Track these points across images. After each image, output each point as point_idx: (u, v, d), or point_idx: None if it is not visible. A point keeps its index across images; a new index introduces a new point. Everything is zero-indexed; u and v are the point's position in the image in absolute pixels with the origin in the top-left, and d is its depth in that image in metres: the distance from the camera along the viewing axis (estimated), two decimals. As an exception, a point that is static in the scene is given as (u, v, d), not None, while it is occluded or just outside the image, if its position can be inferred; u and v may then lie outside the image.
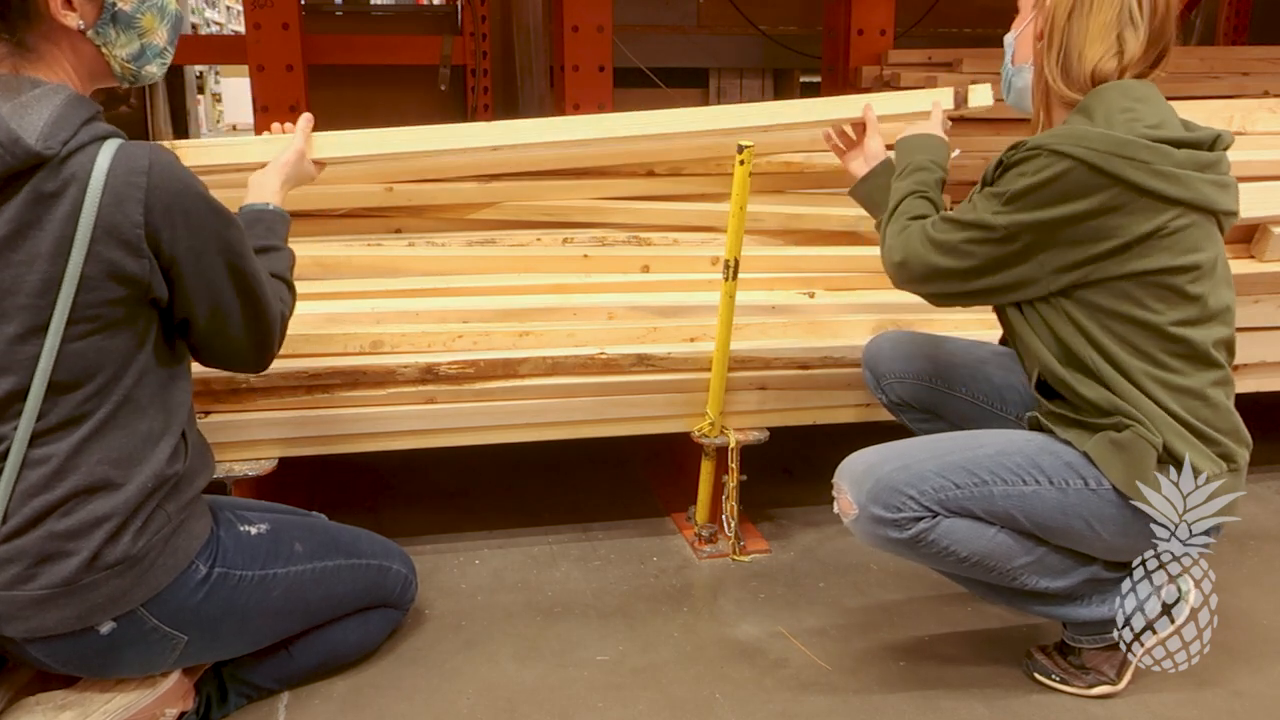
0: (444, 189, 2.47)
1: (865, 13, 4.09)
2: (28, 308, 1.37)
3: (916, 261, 1.71)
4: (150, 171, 1.38)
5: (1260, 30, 5.82)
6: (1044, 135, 1.59)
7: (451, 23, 5.30)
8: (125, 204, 1.37)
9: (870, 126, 2.09)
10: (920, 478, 1.64)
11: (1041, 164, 1.56)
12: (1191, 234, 1.58)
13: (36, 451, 1.42)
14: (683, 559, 2.27)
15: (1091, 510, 1.63)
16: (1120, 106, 1.59)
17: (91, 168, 1.36)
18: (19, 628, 1.46)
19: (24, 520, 1.42)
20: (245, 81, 4.10)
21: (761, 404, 2.24)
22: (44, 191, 1.35)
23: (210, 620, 1.58)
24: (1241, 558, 2.25)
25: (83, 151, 1.37)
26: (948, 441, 1.70)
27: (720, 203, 2.45)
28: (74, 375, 1.41)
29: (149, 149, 1.40)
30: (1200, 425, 1.61)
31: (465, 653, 1.91)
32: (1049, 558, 1.70)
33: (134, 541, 1.47)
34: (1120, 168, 1.53)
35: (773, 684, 1.83)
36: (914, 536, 1.64)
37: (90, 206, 1.35)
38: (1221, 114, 2.62)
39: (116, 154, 1.38)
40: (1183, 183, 1.55)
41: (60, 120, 1.36)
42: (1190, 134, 1.59)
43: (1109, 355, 1.61)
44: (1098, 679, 1.77)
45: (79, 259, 1.36)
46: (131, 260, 1.39)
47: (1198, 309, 1.60)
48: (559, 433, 2.18)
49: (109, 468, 1.45)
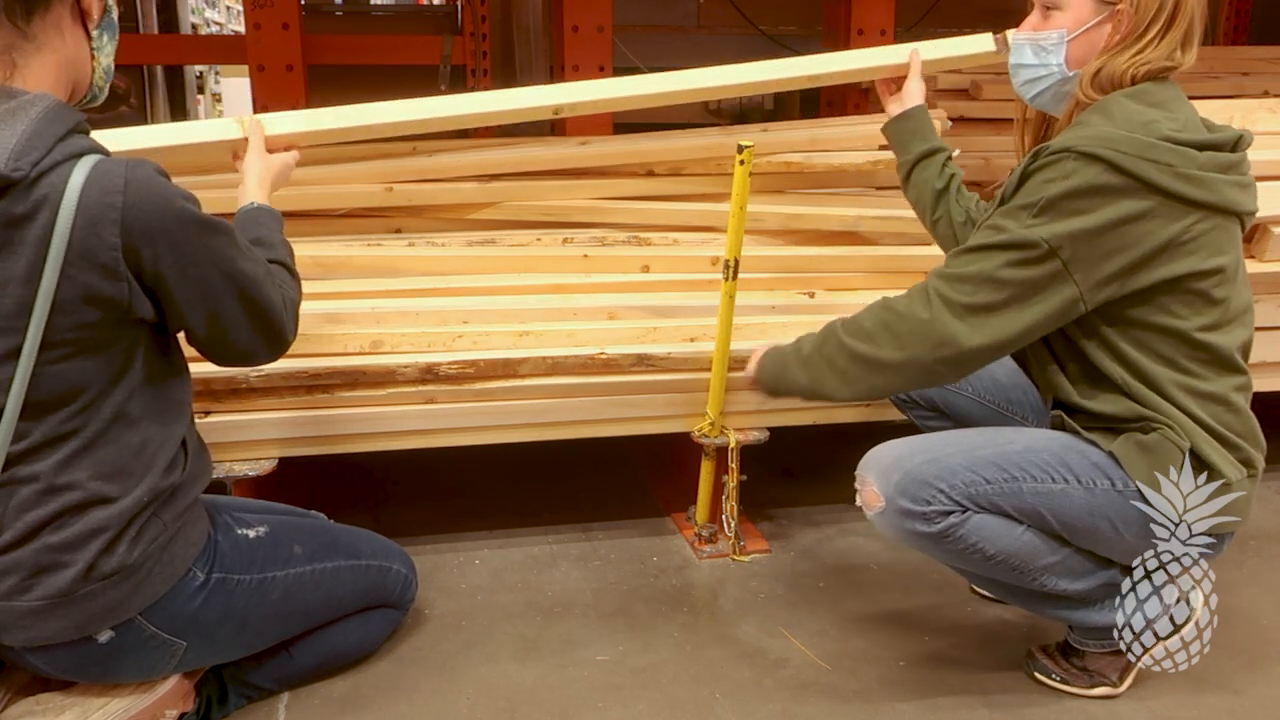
0: (444, 189, 2.47)
1: (865, 13, 4.08)
2: (4, 330, 1.34)
3: (938, 327, 1.56)
4: (126, 190, 1.32)
5: (1260, 30, 5.82)
6: (1068, 138, 1.54)
7: (451, 23, 5.29)
8: (99, 226, 1.32)
9: (913, 69, 2.10)
10: (950, 471, 1.61)
11: (1071, 167, 1.51)
12: (1215, 237, 1.56)
13: (23, 470, 1.41)
14: (683, 559, 2.27)
15: (1117, 511, 1.62)
16: (1140, 108, 1.56)
17: (64, 189, 1.30)
18: (18, 637, 1.46)
19: (18, 534, 1.42)
20: (245, 81, 4.10)
21: (761, 404, 2.23)
22: (14, 214, 1.30)
23: (209, 626, 1.57)
24: (1241, 558, 2.25)
25: (55, 171, 1.31)
26: (976, 436, 1.68)
27: (720, 203, 2.45)
28: (55, 394, 1.38)
29: (125, 165, 1.34)
30: (1224, 431, 1.60)
31: (465, 653, 1.91)
32: (1072, 559, 1.68)
33: (129, 551, 1.46)
34: (1147, 171, 1.49)
35: (773, 684, 1.83)
36: (942, 531, 1.61)
37: (62, 230, 1.30)
38: (1221, 114, 2.61)
39: (90, 174, 1.32)
40: (1206, 185, 1.53)
41: (34, 138, 1.30)
42: (1212, 135, 1.57)
43: (1136, 368, 1.60)
44: (1099, 681, 1.77)
45: (51, 282, 1.32)
46: (108, 284, 1.35)
47: (1220, 312, 1.59)
48: (559, 433, 2.18)
49: (101, 482, 1.43)
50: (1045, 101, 1.72)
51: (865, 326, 1.64)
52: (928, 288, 1.60)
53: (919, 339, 1.58)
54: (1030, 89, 1.72)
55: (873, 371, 1.63)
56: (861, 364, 1.63)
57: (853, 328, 1.66)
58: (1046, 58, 1.66)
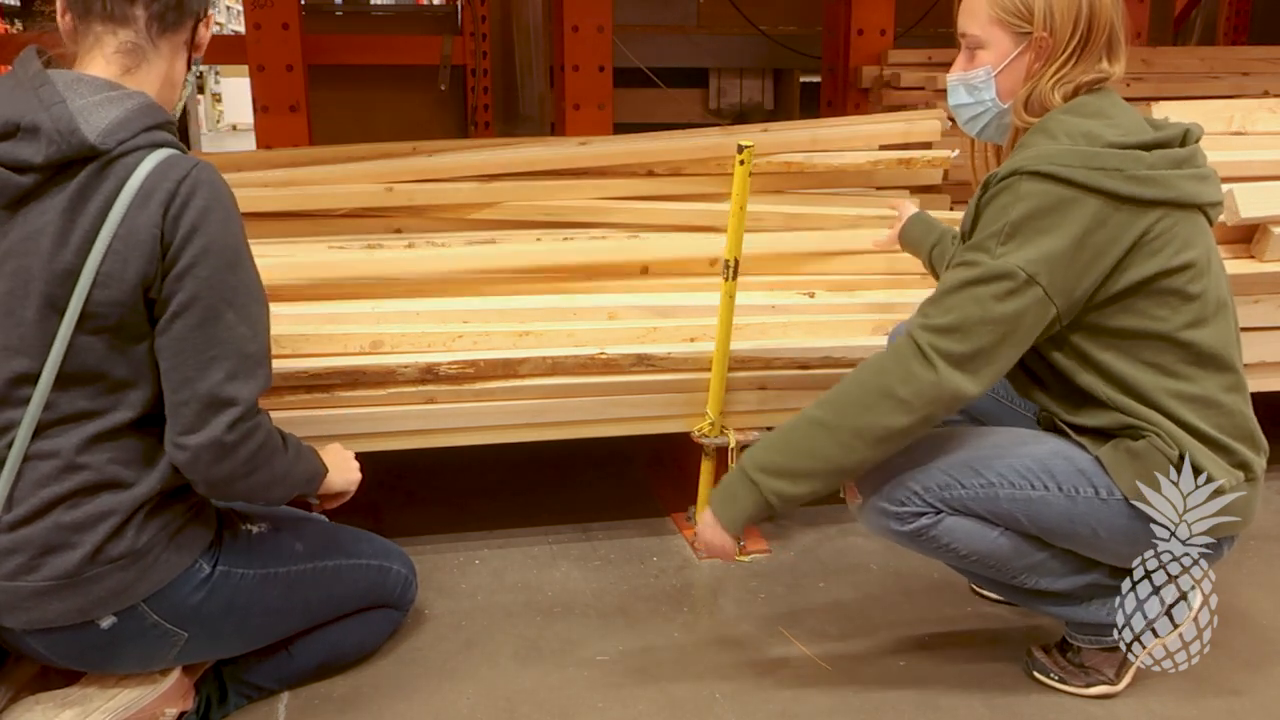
0: (444, 189, 2.47)
1: (865, 13, 4.08)
2: (48, 294, 1.40)
3: (948, 384, 1.52)
4: (184, 180, 1.41)
5: (1260, 30, 5.82)
6: (1014, 161, 1.55)
7: (451, 23, 5.30)
8: (150, 205, 1.40)
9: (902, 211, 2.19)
10: (926, 474, 1.64)
11: (1025, 189, 1.52)
12: (1180, 232, 1.56)
13: (44, 444, 1.44)
14: (683, 559, 2.27)
15: (1100, 519, 1.62)
16: (1078, 120, 1.57)
17: (135, 169, 1.40)
18: (20, 619, 1.47)
19: (31, 509, 1.44)
20: (245, 81, 4.10)
21: (761, 404, 2.24)
22: (90, 185, 1.40)
23: (211, 618, 1.58)
24: (1241, 558, 2.25)
25: (134, 155, 1.41)
26: (958, 439, 1.69)
27: (720, 203, 2.45)
28: (84, 369, 1.43)
29: (195, 161, 1.44)
30: (1215, 434, 1.60)
31: (465, 653, 1.91)
32: (1052, 561, 1.69)
33: (138, 536, 1.48)
34: (1098, 180, 1.50)
35: (773, 684, 1.83)
36: (915, 531, 1.65)
37: (120, 206, 1.39)
38: (1221, 114, 2.62)
39: (161, 161, 1.42)
40: (1160, 183, 1.53)
41: (126, 122, 1.41)
42: (1158, 134, 1.58)
43: (1118, 379, 1.59)
44: (1096, 678, 1.77)
45: (100, 252, 1.39)
46: (145, 263, 1.41)
47: (1199, 307, 1.59)
48: (559, 433, 2.18)
49: (119, 467, 1.47)
50: (990, 134, 1.74)
51: (854, 398, 1.58)
52: (919, 344, 1.54)
53: (929, 400, 1.54)
54: (973, 126, 1.74)
55: (880, 443, 1.57)
56: (865, 440, 1.57)
57: (838, 405, 1.59)
58: (979, 95, 1.69)
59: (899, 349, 1.57)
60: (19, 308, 1.42)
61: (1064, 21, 1.58)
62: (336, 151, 2.56)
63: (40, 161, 1.38)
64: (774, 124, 2.67)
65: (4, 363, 1.44)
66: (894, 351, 1.58)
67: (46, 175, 1.40)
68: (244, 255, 1.49)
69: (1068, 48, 1.59)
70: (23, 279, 1.41)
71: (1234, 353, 1.65)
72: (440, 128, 5.19)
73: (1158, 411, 1.59)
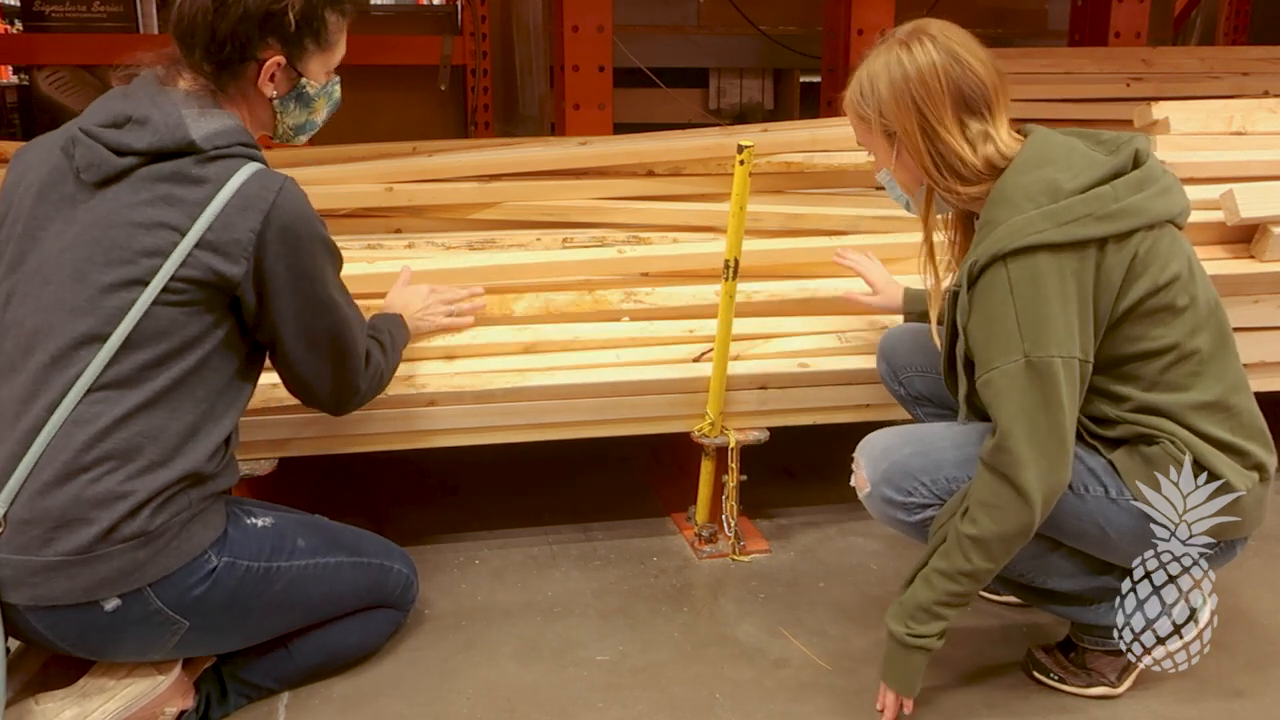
0: (444, 189, 2.47)
1: (865, 13, 4.08)
2: (131, 263, 1.50)
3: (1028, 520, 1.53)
4: (280, 191, 1.55)
5: (1260, 30, 5.82)
6: (989, 245, 1.54)
7: (451, 23, 5.30)
8: (248, 210, 1.53)
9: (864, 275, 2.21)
10: (935, 466, 1.65)
11: (1015, 275, 1.51)
12: (1160, 248, 1.56)
13: (89, 409, 1.48)
14: (683, 559, 2.27)
15: (1108, 518, 1.62)
16: (1031, 177, 1.55)
17: (230, 177, 1.54)
18: (25, 594, 1.48)
19: (57, 474, 1.47)
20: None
21: (761, 404, 2.24)
22: (189, 174, 1.53)
23: (213, 609, 1.59)
24: (1242, 558, 2.22)
25: (229, 161, 1.55)
26: (969, 433, 1.69)
27: (720, 203, 2.45)
28: (147, 334, 1.50)
29: (285, 177, 1.58)
30: (1229, 438, 1.61)
31: (465, 653, 1.91)
32: (1059, 561, 1.69)
33: (152, 518, 1.50)
34: (1075, 232, 1.50)
35: (773, 684, 1.83)
36: (921, 522, 1.66)
37: (217, 204, 1.52)
38: (1221, 114, 2.62)
39: (255, 173, 1.55)
40: (1132, 212, 1.53)
41: (225, 133, 1.56)
42: (1110, 159, 1.57)
43: (1130, 401, 1.60)
44: (1097, 680, 1.77)
45: (191, 242, 1.51)
46: (232, 262, 1.53)
47: (1192, 316, 1.59)
48: (559, 433, 2.18)
49: (148, 443, 1.51)
50: (940, 208, 1.73)
51: (989, 554, 1.56)
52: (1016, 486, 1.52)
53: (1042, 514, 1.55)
54: (916, 210, 1.76)
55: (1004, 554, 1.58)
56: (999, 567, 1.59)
57: (972, 574, 1.57)
58: (895, 190, 1.75)
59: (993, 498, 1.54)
60: (94, 273, 1.50)
61: (898, 109, 1.60)
62: (336, 151, 2.56)
63: (142, 147, 1.51)
64: (774, 124, 2.67)
65: (69, 323, 1.50)
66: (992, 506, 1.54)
67: (143, 161, 1.52)
68: (331, 247, 1.66)
69: (920, 129, 1.59)
70: (103, 248, 1.51)
71: (1232, 350, 1.65)
72: (440, 128, 5.18)
73: (1170, 420, 1.60)
